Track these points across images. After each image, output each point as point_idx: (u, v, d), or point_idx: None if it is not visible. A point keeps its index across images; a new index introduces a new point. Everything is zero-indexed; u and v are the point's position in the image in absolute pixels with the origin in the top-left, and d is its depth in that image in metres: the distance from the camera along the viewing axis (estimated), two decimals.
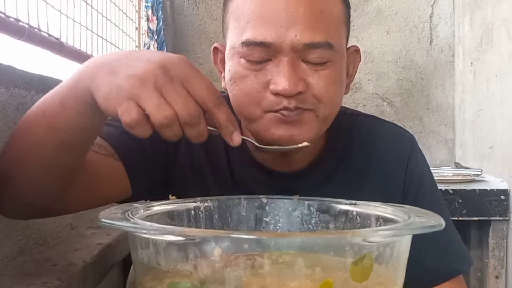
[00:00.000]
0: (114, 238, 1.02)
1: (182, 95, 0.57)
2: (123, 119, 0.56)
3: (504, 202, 1.84)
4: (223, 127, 0.62)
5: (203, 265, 0.47)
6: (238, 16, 0.74)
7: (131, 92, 0.56)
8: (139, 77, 0.56)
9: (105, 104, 0.58)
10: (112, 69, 0.58)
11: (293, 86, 0.70)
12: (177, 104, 0.57)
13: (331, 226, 0.69)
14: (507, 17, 1.89)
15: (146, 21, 2.26)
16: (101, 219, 0.51)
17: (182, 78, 0.58)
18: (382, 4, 2.59)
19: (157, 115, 0.56)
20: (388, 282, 0.52)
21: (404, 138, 0.90)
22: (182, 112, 0.57)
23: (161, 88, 0.56)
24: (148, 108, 0.56)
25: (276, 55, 0.72)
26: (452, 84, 2.57)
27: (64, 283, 0.73)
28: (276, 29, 0.70)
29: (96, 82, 0.59)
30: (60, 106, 0.62)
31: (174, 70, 0.58)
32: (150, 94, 0.56)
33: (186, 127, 0.58)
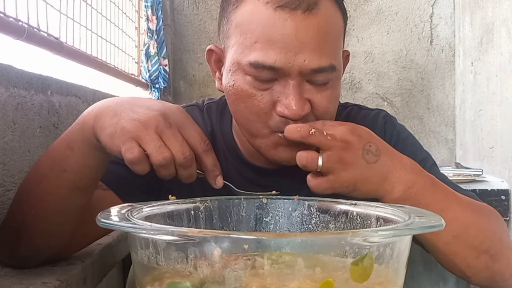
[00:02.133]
0: (113, 238, 1.02)
1: (179, 140, 0.66)
2: (126, 156, 0.63)
3: (504, 202, 1.83)
4: (209, 171, 0.71)
5: (203, 265, 0.47)
6: (244, 32, 0.74)
7: (134, 133, 0.64)
8: (142, 121, 0.64)
9: (109, 143, 0.65)
10: (116, 112, 0.66)
11: (300, 110, 0.72)
12: (174, 147, 0.65)
13: (331, 226, 0.69)
14: (508, 17, 1.89)
15: (146, 20, 2.26)
16: (101, 219, 0.51)
17: (178, 125, 0.67)
18: (382, 4, 2.59)
19: (157, 156, 0.64)
20: (388, 282, 0.52)
21: (378, 116, 0.92)
22: (178, 155, 0.65)
23: (161, 132, 0.65)
24: (149, 150, 0.64)
25: (283, 77, 0.73)
26: (453, 84, 2.57)
27: (64, 283, 0.73)
28: (286, 53, 0.71)
29: (100, 123, 0.66)
30: (68, 149, 0.69)
31: (173, 117, 0.67)
32: (152, 137, 0.64)
33: (180, 168, 0.66)
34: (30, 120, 0.87)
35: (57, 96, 0.98)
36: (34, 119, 0.88)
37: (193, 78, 2.62)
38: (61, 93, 1.01)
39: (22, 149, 0.83)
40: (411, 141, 0.91)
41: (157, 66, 2.31)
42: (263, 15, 0.72)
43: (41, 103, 0.91)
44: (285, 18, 0.71)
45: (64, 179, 0.69)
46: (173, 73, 2.58)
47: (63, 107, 1.00)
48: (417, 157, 0.82)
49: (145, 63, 2.29)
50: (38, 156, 0.80)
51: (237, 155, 0.87)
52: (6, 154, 0.78)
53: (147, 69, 2.29)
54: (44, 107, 0.92)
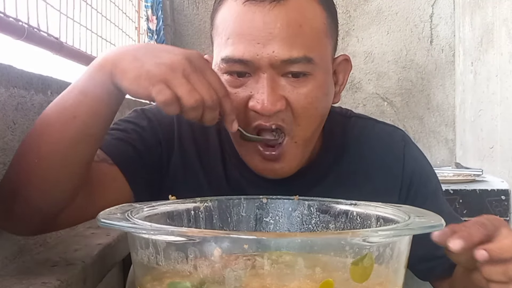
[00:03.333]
0: (113, 238, 1.02)
1: (205, 84, 0.65)
2: (158, 98, 0.63)
3: (504, 202, 1.83)
4: (227, 115, 0.70)
5: (203, 265, 0.47)
6: (219, 32, 0.76)
7: (162, 76, 0.63)
8: (168, 64, 0.64)
9: (135, 86, 0.64)
10: (137, 57, 0.65)
11: (271, 105, 0.72)
12: (202, 90, 0.65)
13: (331, 226, 0.69)
14: (508, 17, 1.89)
15: (146, 21, 2.26)
16: (101, 219, 0.51)
17: (202, 69, 0.66)
18: (382, 4, 2.58)
19: (189, 98, 0.63)
20: (388, 282, 0.52)
21: (397, 136, 0.90)
22: (207, 97, 0.65)
23: (188, 76, 0.64)
24: (179, 92, 0.63)
25: (255, 71, 0.73)
26: (453, 84, 2.57)
27: (64, 283, 0.73)
28: (254, 45, 0.71)
29: (120, 67, 0.65)
30: (81, 95, 0.67)
31: (196, 62, 0.66)
32: (181, 80, 0.63)
33: (207, 110, 0.66)
34: (30, 120, 0.87)
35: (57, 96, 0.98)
36: (34, 119, 0.88)
37: None
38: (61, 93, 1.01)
39: None
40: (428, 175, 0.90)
41: None
42: (235, 12, 0.73)
43: (41, 103, 0.91)
44: (253, 11, 0.72)
45: (73, 126, 0.67)
46: None
47: None
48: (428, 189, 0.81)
49: None
50: None
51: (240, 159, 0.84)
52: (6, 154, 0.78)
53: None
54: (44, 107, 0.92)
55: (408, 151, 0.89)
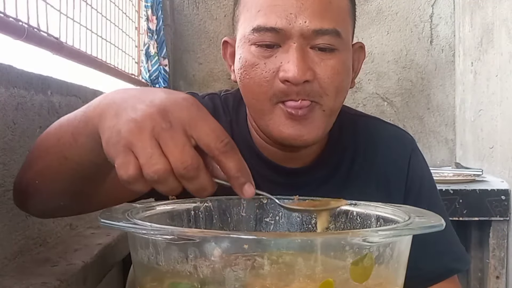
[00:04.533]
0: (113, 238, 1.02)
1: (179, 144, 0.50)
2: (119, 174, 0.51)
3: (504, 202, 1.83)
4: (233, 178, 0.54)
5: (203, 265, 0.47)
6: (249, 7, 0.77)
7: (128, 140, 0.51)
8: (138, 121, 0.51)
9: (106, 151, 0.53)
10: (118, 111, 0.53)
11: (301, 74, 0.73)
12: (172, 154, 0.50)
13: (331, 226, 0.69)
14: (508, 17, 1.89)
15: (146, 20, 2.26)
16: (101, 219, 0.51)
17: (184, 122, 0.51)
18: (382, 4, 2.58)
19: (148, 169, 0.50)
20: (388, 282, 0.52)
21: (405, 140, 0.92)
22: (176, 164, 0.50)
23: (158, 135, 0.50)
24: (141, 161, 0.50)
25: (285, 41, 0.74)
26: (453, 84, 2.57)
27: (64, 283, 0.73)
28: (287, 15, 0.73)
29: (102, 124, 0.55)
30: (72, 139, 0.60)
31: (176, 113, 0.52)
32: (144, 143, 0.50)
33: (183, 181, 0.51)
34: (30, 120, 0.87)
35: (57, 96, 0.98)
36: (34, 119, 0.88)
37: (193, 78, 2.61)
38: (61, 93, 1.01)
39: (22, 149, 0.83)
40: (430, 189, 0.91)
41: (157, 66, 2.31)
42: None
43: (41, 103, 0.91)
44: None
45: (65, 166, 0.63)
46: (173, 73, 2.58)
47: (63, 107, 1.00)
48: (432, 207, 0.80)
49: (145, 63, 2.29)
50: None
51: (252, 149, 0.86)
52: (6, 154, 0.78)
53: (147, 69, 2.29)
54: (44, 107, 0.92)
55: (415, 158, 0.90)
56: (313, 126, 0.76)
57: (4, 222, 0.77)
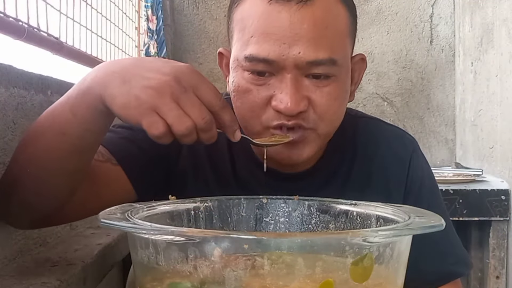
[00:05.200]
0: (113, 238, 1.02)
1: (196, 104, 0.62)
2: (151, 132, 0.61)
3: (504, 202, 1.83)
4: (228, 127, 0.68)
5: (203, 265, 0.47)
6: (242, 28, 0.74)
7: (151, 103, 0.60)
8: (156, 88, 0.61)
9: (124, 113, 0.62)
10: (125, 79, 0.62)
11: (295, 106, 0.71)
12: (193, 113, 0.62)
13: (331, 226, 0.69)
14: (507, 17, 1.89)
15: (146, 20, 2.26)
16: (101, 219, 0.51)
17: (193, 86, 0.63)
18: (382, 4, 2.58)
19: (179, 126, 0.61)
20: (388, 282, 0.52)
21: (406, 141, 0.90)
22: (198, 120, 0.62)
23: (177, 99, 0.61)
24: (169, 120, 0.61)
25: (279, 71, 0.72)
26: (453, 84, 2.57)
27: (64, 283, 0.73)
28: (279, 46, 0.70)
29: (108, 90, 0.62)
30: (70, 114, 0.65)
31: (186, 80, 0.62)
32: (170, 106, 0.61)
33: (201, 133, 0.64)
34: (30, 120, 0.87)
35: (57, 96, 0.98)
36: (34, 119, 0.88)
37: None
38: (61, 93, 1.00)
39: None
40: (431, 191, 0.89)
41: None
42: (259, 9, 0.72)
43: (41, 103, 0.91)
44: (279, 10, 0.71)
45: (63, 142, 0.66)
46: None
47: None
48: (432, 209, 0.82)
49: None
50: None
51: (250, 156, 0.85)
52: (6, 154, 0.78)
53: None
54: (44, 107, 0.92)
55: (416, 159, 0.89)
56: (306, 149, 0.76)
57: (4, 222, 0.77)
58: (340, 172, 0.86)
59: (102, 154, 0.77)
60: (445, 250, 0.86)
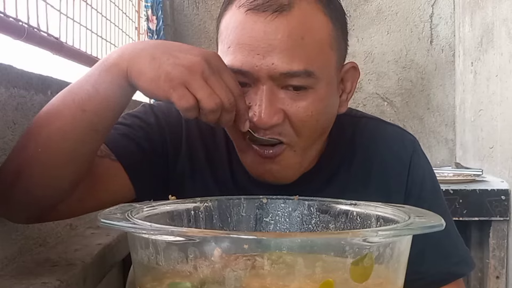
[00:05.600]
0: (113, 238, 1.02)
1: (223, 86, 0.66)
2: (181, 103, 0.64)
3: (504, 202, 1.83)
4: (241, 115, 0.70)
5: (203, 265, 0.47)
6: (222, 40, 0.75)
7: (182, 79, 0.64)
8: (187, 66, 0.64)
9: (153, 87, 0.64)
10: (155, 56, 0.65)
11: (267, 119, 0.71)
12: (221, 93, 0.65)
13: (331, 226, 0.69)
14: (508, 17, 1.89)
15: (146, 20, 2.26)
16: (101, 219, 0.51)
17: (219, 70, 0.67)
18: (382, 4, 2.59)
19: (210, 102, 0.64)
20: (388, 282, 0.52)
21: (406, 141, 0.89)
22: (225, 100, 0.66)
23: (207, 78, 0.65)
24: (199, 96, 0.64)
25: (255, 82, 0.72)
26: (453, 84, 2.57)
27: (64, 283, 0.73)
28: (253, 56, 0.70)
29: (136, 66, 0.65)
30: (92, 90, 0.67)
31: (213, 62, 0.66)
32: (200, 83, 0.64)
33: (224, 112, 0.67)
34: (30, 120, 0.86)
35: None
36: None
37: None
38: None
39: None
40: (432, 191, 0.88)
41: None
42: (236, 20, 0.72)
43: (41, 103, 0.91)
44: (254, 20, 0.70)
45: (82, 119, 0.67)
46: None
47: None
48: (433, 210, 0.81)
49: None
50: None
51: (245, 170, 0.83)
52: (6, 154, 0.78)
53: None
54: None
55: (416, 158, 0.87)
56: (284, 165, 0.76)
57: (4, 222, 0.77)
58: (339, 173, 0.85)
59: (101, 150, 0.76)
60: (447, 250, 0.85)
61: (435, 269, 0.84)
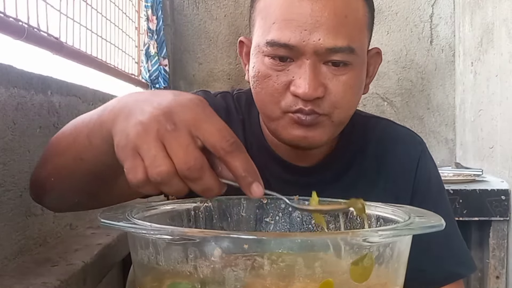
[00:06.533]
0: (113, 238, 1.02)
1: (183, 145, 0.51)
2: (128, 178, 0.52)
3: (504, 202, 1.83)
4: (240, 178, 0.53)
5: (203, 265, 0.47)
6: (264, 16, 0.76)
7: (135, 143, 0.51)
8: (144, 124, 0.52)
9: (117, 154, 0.53)
10: (128, 115, 0.54)
11: (312, 91, 0.73)
12: (176, 156, 0.50)
13: (331, 226, 0.69)
14: (507, 17, 1.89)
15: (146, 20, 2.26)
16: (101, 219, 0.51)
17: (189, 123, 0.51)
18: (382, 4, 2.59)
19: (151, 171, 0.50)
20: (388, 282, 0.52)
21: (415, 142, 0.93)
22: (180, 165, 0.50)
23: (162, 137, 0.51)
24: (146, 163, 0.51)
25: (299, 57, 0.74)
26: (453, 84, 2.57)
27: (64, 283, 0.73)
28: (301, 32, 0.72)
29: (115, 127, 0.55)
30: (87, 141, 0.61)
31: (181, 114, 0.52)
32: (149, 145, 0.51)
33: (187, 181, 0.52)
34: (30, 120, 0.87)
35: (57, 96, 0.98)
36: (34, 119, 0.88)
37: (193, 78, 2.61)
38: (61, 93, 1.01)
39: (22, 149, 0.83)
40: (437, 192, 0.90)
41: (157, 66, 2.31)
42: None
43: (41, 103, 0.91)
44: None
45: (81, 167, 0.64)
46: (173, 73, 2.58)
47: (63, 107, 1.00)
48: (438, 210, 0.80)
49: (145, 63, 2.29)
50: (38, 156, 0.80)
51: (264, 148, 0.87)
52: (6, 154, 0.78)
53: (147, 69, 2.29)
54: (44, 107, 0.92)
55: (424, 160, 0.90)
56: (318, 131, 0.77)
57: (4, 222, 0.77)
58: (350, 168, 0.87)
59: None
60: (448, 251, 0.86)
61: (435, 269, 0.85)
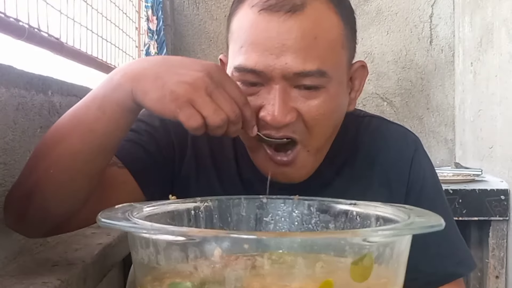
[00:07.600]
0: (114, 238, 1.02)
1: (227, 99, 0.66)
2: (190, 123, 0.64)
3: (504, 202, 1.84)
4: (248, 122, 0.70)
5: (203, 265, 0.47)
6: (235, 39, 0.75)
7: (187, 97, 0.63)
8: (191, 83, 0.64)
9: (159, 107, 0.64)
10: (158, 75, 0.65)
11: (281, 117, 0.71)
12: (226, 107, 0.65)
13: (331, 226, 0.69)
14: (507, 17, 1.89)
15: (146, 21, 2.26)
16: (101, 219, 0.51)
17: (222, 82, 0.66)
18: (382, 4, 2.59)
19: (216, 118, 0.64)
20: (388, 282, 0.52)
21: (408, 140, 0.89)
22: (230, 114, 0.66)
23: (211, 93, 0.65)
24: (205, 113, 0.64)
25: (268, 82, 0.72)
26: (452, 84, 2.57)
27: (64, 283, 0.73)
28: (267, 56, 0.70)
29: (141, 86, 0.65)
30: (99, 112, 0.67)
31: (216, 76, 0.66)
32: (204, 99, 0.64)
33: (231, 125, 0.67)
34: (31, 120, 0.87)
35: (57, 96, 0.98)
36: (34, 119, 0.88)
37: None
38: (62, 93, 1.01)
39: (23, 149, 0.83)
40: (433, 190, 0.88)
41: None
42: (249, 20, 0.72)
43: (41, 103, 0.91)
44: (268, 20, 0.70)
45: (90, 140, 0.68)
46: None
47: (64, 107, 1.00)
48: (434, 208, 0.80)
49: None
50: None
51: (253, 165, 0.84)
52: (6, 154, 0.78)
53: None
54: (44, 107, 0.92)
55: (418, 157, 0.88)
56: (298, 167, 0.77)
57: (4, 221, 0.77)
58: (343, 172, 0.86)
59: None
60: (448, 250, 0.85)
61: (435, 269, 0.84)
